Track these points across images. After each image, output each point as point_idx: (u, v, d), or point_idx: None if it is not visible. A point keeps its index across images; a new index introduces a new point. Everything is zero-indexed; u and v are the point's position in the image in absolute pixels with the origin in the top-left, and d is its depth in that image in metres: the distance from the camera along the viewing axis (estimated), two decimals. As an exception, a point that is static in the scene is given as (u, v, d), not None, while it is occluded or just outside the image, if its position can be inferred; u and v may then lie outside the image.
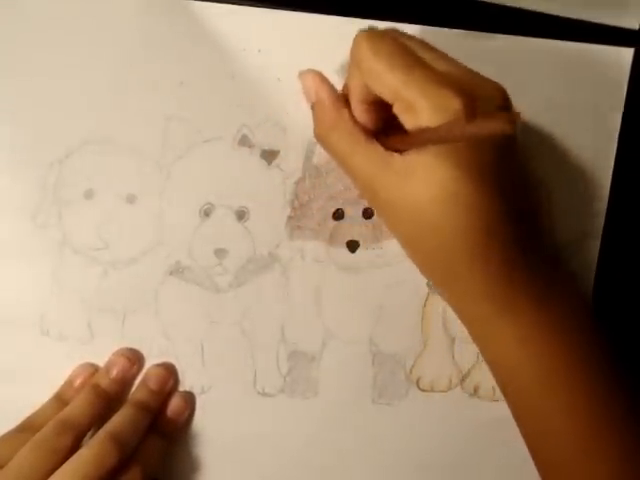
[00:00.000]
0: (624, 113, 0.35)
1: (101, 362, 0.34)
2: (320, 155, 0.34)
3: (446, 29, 0.34)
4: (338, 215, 0.35)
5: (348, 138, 0.29)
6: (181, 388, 0.35)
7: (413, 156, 0.27)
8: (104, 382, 0.33)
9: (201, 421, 0.35)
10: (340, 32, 0.34)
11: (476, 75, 0.28)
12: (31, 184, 0.33)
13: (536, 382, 0.29)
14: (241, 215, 0.34)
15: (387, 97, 0.27)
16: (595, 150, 0.36)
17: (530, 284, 0.29)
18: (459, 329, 0.36)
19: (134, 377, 0.34)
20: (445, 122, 0.25)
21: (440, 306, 0.36)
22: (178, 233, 0.34)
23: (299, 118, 0.34)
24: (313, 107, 0.31)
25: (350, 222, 0.35)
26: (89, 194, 0.33)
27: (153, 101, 0.33)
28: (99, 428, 0.31)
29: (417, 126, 0.26)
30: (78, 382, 0.33)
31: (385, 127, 0.30)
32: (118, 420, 0.31)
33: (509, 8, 0.35)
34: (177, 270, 0.34)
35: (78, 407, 0.32)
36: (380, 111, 0.29)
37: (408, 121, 0.27)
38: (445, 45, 0.34)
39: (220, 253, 0.34)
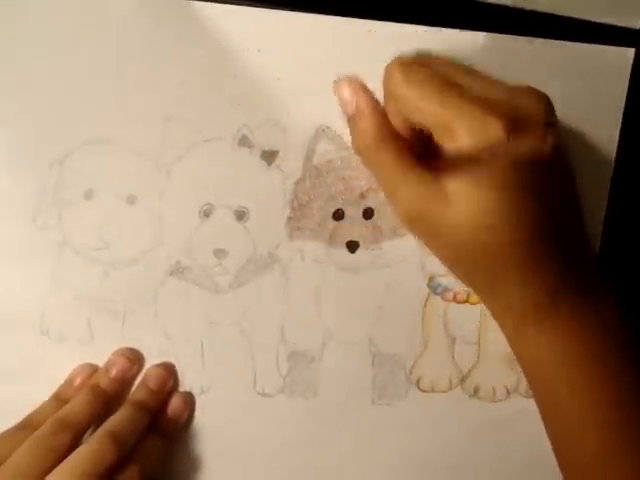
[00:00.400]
0: (625, 113, 0.35)
1: (101, 362, 0.34)
2: (320, 155, 0.34)
3: (446, 29, 0.34)
4: (338, 215, 0.35)
5: (398, 155, 0.29)
6: (181, 388, 0.35)
7: (452, 181, 0.27)
8: (103, 382, 0.33)
9: (201, 421, 0.35)
10: (340, 32, 0.34)
11: (516, 92, 0.28)
12: (31, 185, 0.33)
13: (569, 393, 0.29)
14: (241, 215, 0.34)
15: (425, 123, 0.27)
16: (596, 149, 0.36)
17: (571, 296, 0.29)
18: (459, 330, 0.36)
19: (134, 377, 0.34)
20: (486, 145, 0.25)
21: (440, 307, 0.36)
22: (178, 233, 0.34)
23: (299, 118, 0.34)
24: (352, 119, 0.30)
25: (350, 223, 0.35)
26: (89, 194, 0.33)
27: (153, 101, 0.33)
28: (98, 428, 0.31)
29: (456, 150, 0.26)
30: (78, 382, 0.33)
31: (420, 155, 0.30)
32: (117, 419, 0.32)
33: (509, 8, 0.34)
34: (177, 270, 0.34)
35: (77, 406, 0.32)
36: (418, 141, 0.29)
37: (448, 144, 0.27)
38: (445, 45, 0.34)
39: (220, 253, 0.34)
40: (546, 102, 0.28)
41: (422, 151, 0.29)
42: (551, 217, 0.28)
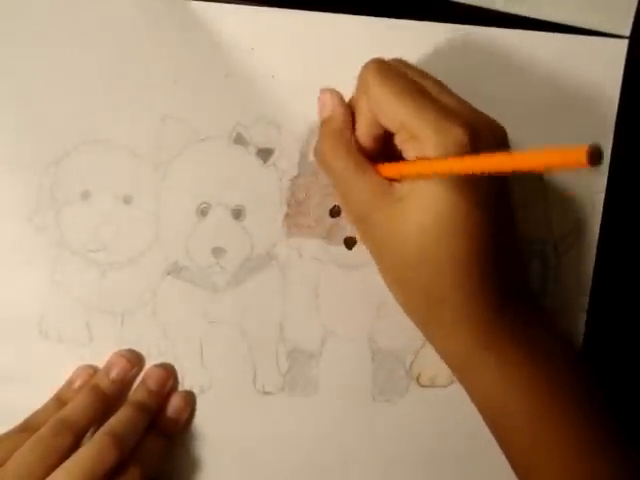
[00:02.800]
0: (620, 104, 0.35)
1: (100, 363, 0.34)
2: (316, 152, 0.34)
3: (437, 23, 0.34)
4: (335, 212, 0.35)
5: (352, 161, 0.29)
6: (180, 388, 0.35)
7: (411, 184, 0.28)
8: (103, 383, 0.33)
9: (201, 421, 0.35)
10: (334, 29, 0.34)
11: (479, 112, 0.28)
12: (27, 186, 0.33)
13: (520, 418, 0.29)
14: (238, 214, 0.34)
15: (391, 126, 0.28)
16: (592, 141, 0.36)
17: (516, 320, 0.29)
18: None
19: (134, 378, 0.34)
20: (450, 153, 0.25)
21: (439, 302, 0.36)
22: (175, 233, 0.34)
23: (294, 116, 0.34)
24: (322, 123, 0.31)
25: (346, 219, 0.35)
26: (85, 195, 0.33)
27: (148, 101, 0.33)
28: (98, 429, 0.31)
29: (420, 155, 0.26)
30: (78, 383, 0.33)
31: (380, 157, 0.30)
32: (117, 420, 0.31)
33: (500, 13, 0.35)
34: (175, 270, 0.34)
35: (77, 407, 0.32)
36: (381, 141, 0.30)
37: (411, 150, 0.27)
38: (440, 39, 0.34)
39: (217, 252, 0.34)
40: (504, 128, 0.29)
41: (378, 154, 0.30)
42: (503, 234, 0.28)
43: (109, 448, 0.30)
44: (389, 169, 0.29)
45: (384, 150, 0.30)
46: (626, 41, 0.35)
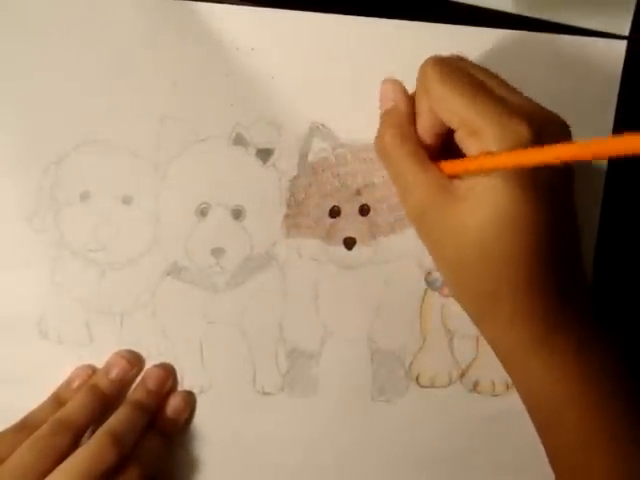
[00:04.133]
0: (618, 104, 0.35)
1: (100, 363, 0.34)
2: (315, 153, 0.34)
3: (443, 25, 0.34)
4: (334, 212, 0.35)
5: (413, 155, 0.29)
6: (180, 388, 0.35)
7: (473, 180, 0.27)
8: (103, 383, 0.33)
9: (201, 421, 0.35)
10: (334, 30, 0.34)
11: (543, 108, 0.28)
12: (27, 187, 0.33)
13: (570, 416, 0.29)
14: (237, 214, 0.34)
15: (453, 122, 0.28)
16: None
17: (573, 324, 0.29)
18: (458, 325, 0.36)
19: (133, 379, 0.34)
20: (513, 148, 0.25)
21: (438, 302, 0.36)
22: (175, 233, 0.34)
23: (294, 116, 0.34)
24: (385, 113, 0.31)
25: (346, 219, 0.35)
26: (85, 196, 0.33)
27: (147, 101, 0.33)
28: (97, 428, 0.31)
29: (482, 151, 0.26)
30: (76, 383, 0.33)
31: (440, 155, 0.30)
32: (116, 419, 0.32)
33: (501, 13, 0.35)
34: (174, 270, 0.34)
35: (76, 407, 0.32)
36: (442, 139, 0.29)
37: (472, 146, 0.27)
38: (439, 40, 0.34)
39: (217, 252, 0.34)
40: (567, 128, 0.28)
41: (441, 152, 0.30)
42: (558, 241, 0.28)
43: (108, 448, 0.30)
44: (450, 166, 0.29)
45: (444, 148, 0.30)
46: (625, 41, 0.35)
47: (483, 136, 0.26)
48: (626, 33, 0.35)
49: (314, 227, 0.35)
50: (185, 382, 0.35)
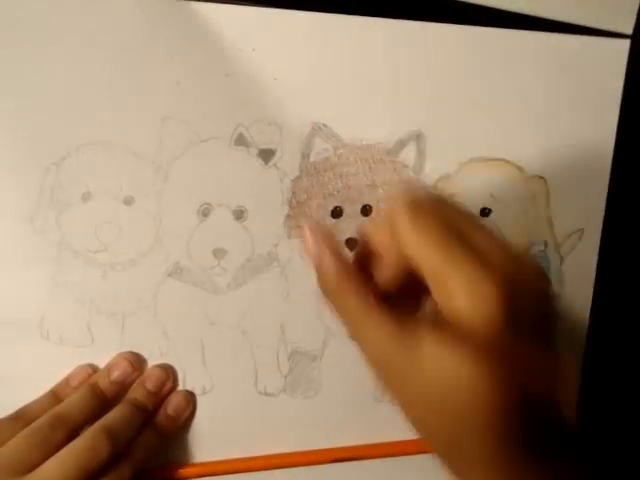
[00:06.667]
0: (622, 103, 0.35)
1: (101, 364, 0.34)
2: (317, 153, 0.34)
3: (442, 24, 0.34)
4: (336, 213, 0.35)
5: (357, 307, 0.27)
6: (182, 389, 0.35)
7: (432, 339, 0.26)
8: (103, 383, 0.33)
9: (202, 421, 0.35)
10: (334, 30, 0.34)
11: (518, 258, 0.26)
12: (28, 187, 0.33)
13: None
14: (239, 215, 0.34)
15: (421, 271, 0.26)
16: (594, 142, 0.36)
17: (540, 468, 0.27)
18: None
19: (133, 382, 0.34)
20: (482, 309, 0.24)
21: (440, 302, 0.36)
22: (176, 234, 0.34)
23: (295, 117, 0.34)
24: (315, 269, 0.29)
25: (349, 220, 0.35)
26: (86, 196, 0.33)
27: (149, 102, 0.33)
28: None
29: (449, 308, 0.25)
30: (75, 381, 0.34)
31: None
32: (113, 416, 0.32)
33: (501, 13, 0.35)
34: (176, 271, 0.34)
35: (74, 403, 0.32)
36: (403, 276, 0.28)
37: (440, 300, 0.26)
38: (440, 40, 0.34)
39: (219, 253, 0.34)
40: (542, 270, 0.28)
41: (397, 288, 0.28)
42: (527, 388, 0.26)
43: (102, 443, 0.30)
44: (405, 304, 0.28)
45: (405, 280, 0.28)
46: (628, 40, 0.35)
47: (451, 292, 0.25)
48: (629, 32, 0.35)
49: (316, 228, 0.35)
50: (187, 383, 0.35)
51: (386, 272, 0.28)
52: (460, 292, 0.25)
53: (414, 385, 0.27)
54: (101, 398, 0.33)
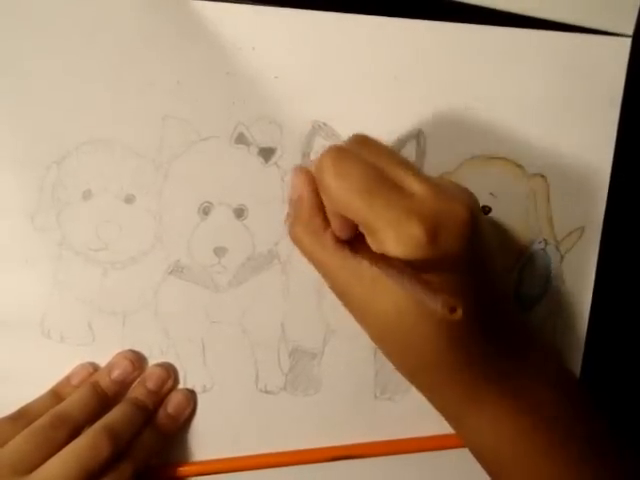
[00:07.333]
0: (623, 103, 0.35)
1: (102, 363, 0.34)
2: (317, 152, 0.34)
3: (442, 23, 0.34)
4: (337, 211, 0.35)
5: (321, 244, 0.30)
6: (183, 387, 0.35)
7: (376, 272, 0.28)
8: (104, 382, 0.33)
9: (203, 420, 0.35)
10: (334, 29, 0.34)
11: (441, 194, 0.27)
12: (29, 186, 0.33)
13: (511, 468, 0.30)
14: (240, 213, 0.34)
15: (352, 219, 0.27)
16: (595, 141, 0.36)
17: (501, 375, 0.30)
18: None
19: (134, 381, 0.34)
20: (410, 251, 0.26)
21: (441, 301, 0.36)
22: (177, 232, 0.34)
23: (296, 115, 0.34)
24: (292, 205, 0.32)
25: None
26: (87, 195, 0.33)
27: (149, 101, 0.33)
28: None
29: (380, 251, 0.27)
30: (76, 380, 0.34)
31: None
32: (114, 415, 0.32)
33: (501, 12, 0.35)
34: (177, 269, 0.34)
35: (75, 403, 0.32)
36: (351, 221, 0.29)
37: (372, 245, 0.27)
38: (440, 38, 0.34)
39: (219, 251, 0.34)
40: (471, 204, 0.28)
41: (353, 232, 0.29)
42: (474, 303, 0.28)
43: (104, 443, 0.30)
44: (362, 248, 0.29)
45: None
46: (629, 40, 0.35)
47: (380, 239, 0.26)
48: (630, 32, 0.35)
49: (316, 226, 0.35)
50: (187, 381, 0.35)
51: (333, 222, 0.30)
52: (387, 237, 0.26)
53: (371, 315, 0.29)
54: (102, 397, 0.33)
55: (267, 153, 0.34)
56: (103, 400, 0.33)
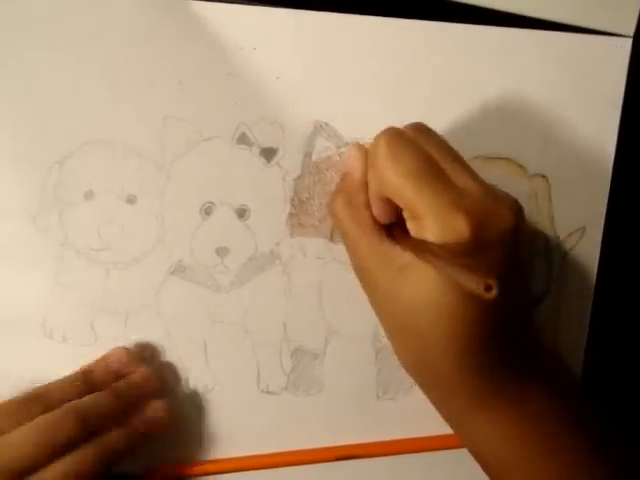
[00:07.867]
0: (624, 103, 0.35)
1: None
2: (319, 152, 0.34)
3: (443, 23, 0.34)
4: (338, 211, 0.35)
5: (358, 221, 0.30)
6: (185, 387, 0.35)
7: (411, 256, 0.28)
8: (121, 387, 0.32)
9: (205, 420, 0.35)
10: (335, 29, 0.34)
11: (491, 195, 0.27)
12: (31, 186, 0.33)
13: (516, 470, 0.30)
14: (242, 213, 0.34)
15: (398, 203, 0.28)
16: (596, 141, 0.36)
17: (508, 384, 0.29)
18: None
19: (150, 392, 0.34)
20: (448, 246, 0.25)
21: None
22: (179, 232, 0.34)
23: (297, 115, 0.34)
24: (341, 177, 0.32)
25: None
26: (89, 195, 0.33)
27: (151, 101, 0.33)
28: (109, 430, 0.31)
29: (419, 237, 0.27)
30: (114, 367, 0.33)
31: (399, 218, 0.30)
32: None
33: (501, 13, 0.35)
34: (179, 269, 0.34)
35: (99, 407, 0.31)
36: (394, 206, 0.29)
37: (412, 230, 0.27)
38: (444, 38, 0.34)
39: (221, 252, 0.34)
40: (516, 209, 0.28)
41: (391, 218, 0.30)
42: (489, 321, 0.28)
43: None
44: (397, 233, 0.29)
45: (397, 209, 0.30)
46: (630, 40, 0.35)
47: (423, 225, 0.26)
48: (631, 33, 0.35)
49: (318, 226, 0.35)
50: (189, 381, 0.35)
51: (374, 198, 0.30)
52: (431, 224, 0.26)
53: (393, 303, 0.29)
54: (123, 403, 0.32)
55: (269, 153, 0.34)
56: (122, 407, 0.32)
